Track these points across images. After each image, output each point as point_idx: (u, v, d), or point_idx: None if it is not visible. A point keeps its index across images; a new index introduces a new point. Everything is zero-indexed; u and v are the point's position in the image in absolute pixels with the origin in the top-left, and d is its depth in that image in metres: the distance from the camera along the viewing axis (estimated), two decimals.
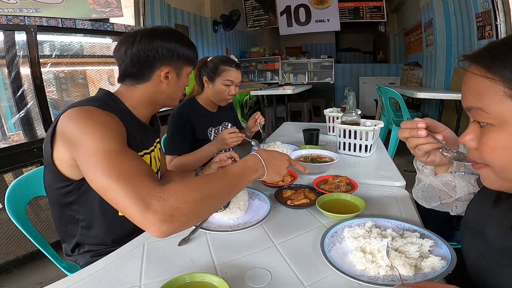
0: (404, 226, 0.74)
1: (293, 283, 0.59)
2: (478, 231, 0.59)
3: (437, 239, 0.67)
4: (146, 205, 0.54)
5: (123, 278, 0.61)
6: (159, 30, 0.86)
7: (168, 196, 0.55)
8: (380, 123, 1.43)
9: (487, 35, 2.60)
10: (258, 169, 0.72)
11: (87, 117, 0.70)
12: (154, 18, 3.36)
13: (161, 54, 0.83)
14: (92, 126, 0.67)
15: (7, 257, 1.69)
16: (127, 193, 0.56)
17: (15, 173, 1.71)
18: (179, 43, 0.86)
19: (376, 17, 5.56)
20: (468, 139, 0.51)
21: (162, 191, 0.56)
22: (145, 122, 0.93)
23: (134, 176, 0.58)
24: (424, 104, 4.44)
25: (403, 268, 0.57)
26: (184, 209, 0.56)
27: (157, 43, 0.83)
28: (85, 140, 0.65)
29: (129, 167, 0.60)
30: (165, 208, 0.54)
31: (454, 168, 0.68)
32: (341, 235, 0.72)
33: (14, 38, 1.85)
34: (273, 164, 0.75)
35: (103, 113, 0.73)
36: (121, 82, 0.89)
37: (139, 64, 0.83)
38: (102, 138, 0.65)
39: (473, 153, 0.52)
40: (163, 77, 0.86)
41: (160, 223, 0.54)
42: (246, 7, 6.10)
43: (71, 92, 2.38)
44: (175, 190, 0.57)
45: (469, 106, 0.50)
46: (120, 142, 0.68)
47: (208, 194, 0.60)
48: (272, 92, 4.43)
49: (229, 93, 1.49)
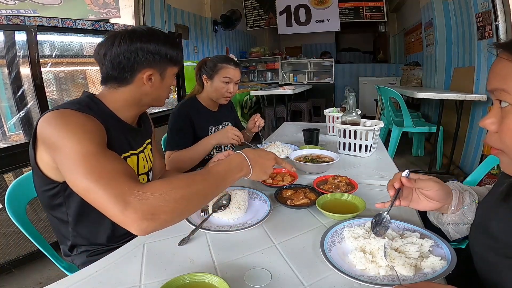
0: (404, 226, 0.74)
1: (293, 283, 0.59)
2: (485, 226, 0.60)
3: (437, 239, 0.67)
4: (125, 204, 0.54)
5: (123, 278, 0.61)
6: (138, 32, 0.82)
7: (147, 195, 0.56)
8: (380, 123, 1.43)
9: (487, 35, 2.59)
10: (243, 168, 0.72)
11: (64, 120, 0.69)
12: (154, 18, 3.36)
13: (141, 56, 0.81)
14: (69, 129, 0.67)
15: (7, 257, 1.69)
16: (106, 193, 0.56)
17: (15, 173, 1.71)
18: (160, 44, 0.83)
19: (376, 17, 5.56)
20: (488, 122, 0.53)
21: (141, 189, 0.56)
22: (131, 124, 0.92)
23: (113, 176, 0.59)
24: (424, 104, 4.44)
25: (403, 268, 0.57)
26: (165, 207, 0.56)
27: (137, 45, 0.80)
28: (64, 144, 0.65)
29: (107, 168, 0.60)
30: (145, 207, 0.55)
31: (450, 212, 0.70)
32: (341, 235, 0.72)
33: (14, 38, 1.85)
34: (259, 163, 0.75)
35: (81, 115, 0.72)
36: (103, 85, 0.87)
37: (119, 68, 0.81)
38: (80, 141, 0.65)
39: (491, 137, 0.54)
40: (146, 80, 0.84)
41: (140, 221, 0.54)
42: (246, 7, 6.10)
43: (71, 92, 2.38)
44: (155, 189, 0.57)
45: (493, 87, 0.52)
46: (99, 144, 0.67)
47: (190, 193, 0.60)
48: (272, 92, 4.43)
49: (228, 91, 1.50)
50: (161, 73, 0.86)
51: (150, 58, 0.82)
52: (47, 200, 0.83)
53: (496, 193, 0.62)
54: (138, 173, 0.94)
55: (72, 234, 0.87)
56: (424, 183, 0.67)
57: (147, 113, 1.09)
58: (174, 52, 0.87)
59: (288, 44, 7.98)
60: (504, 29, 2.41)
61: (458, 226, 0.69)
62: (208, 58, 1.55)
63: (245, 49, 6.70)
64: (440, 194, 0.67)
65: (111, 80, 0.84)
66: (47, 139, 0.69)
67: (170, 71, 0.89)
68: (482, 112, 2.74)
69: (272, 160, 0.79)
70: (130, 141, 0.90)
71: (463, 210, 0.68)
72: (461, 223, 0.68)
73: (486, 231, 0.59)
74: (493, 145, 0.54)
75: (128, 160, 0.89)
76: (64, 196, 0.82)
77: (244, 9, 6.07)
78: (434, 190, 0.67)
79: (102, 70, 0.85)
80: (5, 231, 1.67)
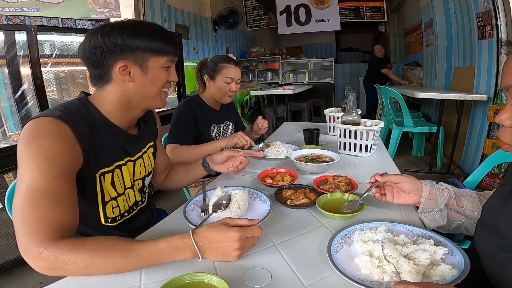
0: (419, 232, 0.72)
1: (293, 283, 0.59)
2: (492, 224, 0.61)
3: (452, 246, 0.64)
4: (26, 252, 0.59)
5: (123, 278, 0.61)
6: (106, 26, 0.76)
7: (50, 254, 0.58)
8: (380, 123, 1.43)
9: (487, 35, 2.59)
10: (184, 252, 0.63)
11: (32, 139, 0.66)
12: (154, 18, 3.36)
13: (106, 49, 0.74)
14: (30, 153, 0.65)
15: (8, 257, 1.69)
16: (19, 233, 0.60)
17: (15, 173, 1.71)
18: (130, 35, 0.75)
19: (376, 17, 5.55)
20: (504, 118, 0.55)
21: (49, 247, 0.58)
22: (126, 129, 0.87)
23: (34, 223, 0.60)
24: (425, 104, 4.43)
25: (409, 274, 0.56)
26: (63, 270, 0.59)
27: (103, 39, 0.74)
28: (20, 167, 0.66)
29: (37, 213, 0.61)
30: (43, 262, 0.59)
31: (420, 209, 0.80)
32: (351, 237, 0.71)
33: (14, 38, 1.85)
34: (213, 248, 0.64)
35: (55, 132, 0.67)
36: (93, 86, 0.83)
37: (93, 65, 0.77)
38: (33, 171, 0.63)
39: (505, 132, 0.56)
40: (121, 73, 0.76)
41: (36, 268, 0.60)
42: (246, 7, 6.10)
43: (71, 92, 2.38)
44: (64, 251, 0.59)
45: (508, 84, 0.54)
46: (54, 175, 0.64)
47: (97, 265, 0.60)
48: (272, 92, 4.43)
49: (230, 90, 1.53)
50: (141, 65, 0.78)
51: (116, 48, 0.74)
52: None
53: (503, 192, 0.63)
54: (134, 179, 0.91)
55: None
56: (394, 177, 0.82)
57: (154, 111, 1.05)
58: (152, 41, 0.77)
59: (288, 44, 7.97)
60: (505, 29, 2.41)
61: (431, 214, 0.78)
62: (207, 59, 1.57)
63: (245, 49, 6.70)
64: (409, 186, 0.80)
65: (94, 80, 0.80)
66: (17, 151, 0.68)
67: (153, 62, 0.79)
68: (483, 112, 2.74)
69: (235, 242, 0.63)
70: (125, 148, 0.86)
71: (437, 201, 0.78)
72: (433, 210, 0.78)
73: (494, 229, 0.60)
74: (506, 140, 0.56)
75: (124, 168, 0.86)
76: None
77: (244, 9, 6.07)
78: (402, 182, 0.80)
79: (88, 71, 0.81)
80: (5, 231, 1.67)
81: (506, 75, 0.54)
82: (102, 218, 0.84)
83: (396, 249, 0.62)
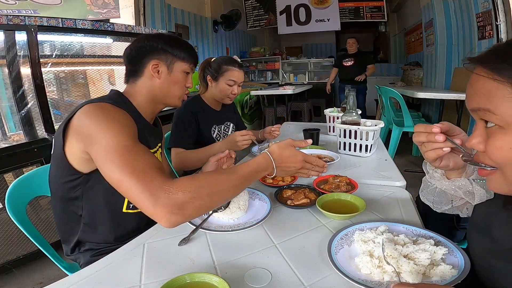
0: (419, 232, 0.72)
1: (293, 283, 0.59)
2: (485, 230, 0.59)
3: (452, 246, 0.64)
4: (156, 199, 0.59)
5: (123, 278, 0.61)
6: (150, 34, 0.97)
7: (176, 191, 0.60)
8: (380, 123, 1.43)
9: (487, 35, 2.59)
10: (267, 169, 0.76)
11: (103, 113, 0.73)
12: (154, 18, 3.36)
13: (148, 49, 0.92)
14: (107, 122, 0.71)
15: (8, 257, 1.69)
16: (138, 187, 0.61)
17: (15, 173, 1.71)
18: (167, 42, 0.94)
19: (377, 17, 5.56)
20: (475, 142, 0.51)
21: (171, 185, 0.61)
22: (149, 121, 0.99)
23: (145, 171, 0.63)
24: (425, 104, 4.43)
25: (409, 275, 0.56)
26: (191, 204, 0.61)
27: (147, 42, 0.93)
28: (101, 137, 0.69)
29: (141, 162, 0.64)
30: (173, 202, 0.59)
31: (472, 176, 0.67)
32: (351, 237, 0.71)
33: (14, 38, 1.85)
34: (282, 167, 0.78)
35: (117, 109, 0.78)
36: (126, 83, 0.97)
37: (132, 62, 0.94)
38: (116, 135, 0.69)
39: (482, 156, 0.52)
40: (153, 70, 0.92)
41: (169, 215, 0.59)
42: (246, 7, 6.10)
43: (71, 92, 2.38)
44: (184, 186, 0.61)
45: (476, 107, 0.49)
46: (133, 138, 0.72)
47: (215, 192, 0.65)
48: (273, 92, 4.43)
49: (232, 92, 1.52)
50: (168, 66, 0.94)
51: (155, 51, 0.93)
52: (64, 192, 0.85)
53: (499, 196, 0.60)
54: None
55: (82, 230, 0.88)
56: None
57: (159, 119, 1.13)
58: (182, 51, 0.96)
59: (288, 44, 7.97)
60: (505, 29, 2.41)
61: (482, 182, 0.65)
62: (211, 59, 1.56)
63: (245, 49, 6.70)
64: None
65: (130, 75, 0.95)
66: (84, 131, 0.73)
67: (178, 65, 0.96)
68: None
69: (299, 163, 0.79)
70: (148, 139, 0.94)
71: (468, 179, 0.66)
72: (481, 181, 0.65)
73: (488, 234, 0.58)
74: (485, 162, 0.52)
75: None
76: (83, 189, 0.84)
77: (244, 9, 6.07)
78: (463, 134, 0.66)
79: (125, 69, 0.96)
80: (5, 231, 1.67)
81: (473, 96, 0.50)
82: (125, 205, 0.89)
83: (396, 249, 0.62)
